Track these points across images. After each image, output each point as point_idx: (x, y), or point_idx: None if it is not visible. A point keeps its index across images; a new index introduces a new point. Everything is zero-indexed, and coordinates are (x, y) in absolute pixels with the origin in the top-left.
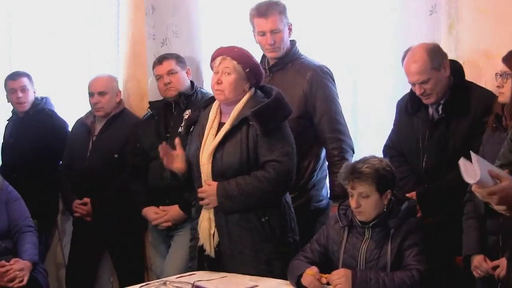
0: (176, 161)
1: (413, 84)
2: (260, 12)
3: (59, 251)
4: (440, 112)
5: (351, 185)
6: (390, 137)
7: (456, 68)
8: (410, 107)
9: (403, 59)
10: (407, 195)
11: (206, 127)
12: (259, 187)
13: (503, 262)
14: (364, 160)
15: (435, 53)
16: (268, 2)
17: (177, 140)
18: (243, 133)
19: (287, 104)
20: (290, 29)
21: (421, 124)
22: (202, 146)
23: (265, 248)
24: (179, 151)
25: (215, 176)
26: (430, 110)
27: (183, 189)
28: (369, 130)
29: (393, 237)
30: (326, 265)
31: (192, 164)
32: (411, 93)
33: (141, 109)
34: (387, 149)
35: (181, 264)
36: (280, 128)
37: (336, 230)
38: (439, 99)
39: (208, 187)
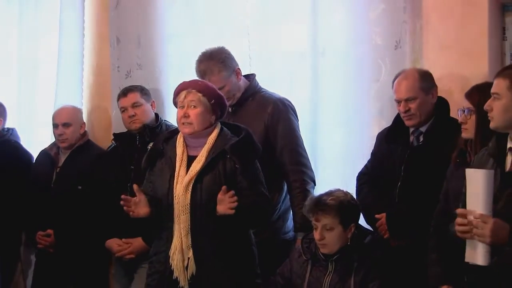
0: (140, 206)
1: (399, 102)
2: (198, 72)
3: (21, 283)
4: (421, 139)
5: (315, 217)
6: (366, 165)
7: (443, 102)
8: (391, 134)
9: (393, 81)
10: (377, 216)
11: (177, 160)
12: (249, 212)
13: None
14: (329, 193)
15: (426, 76)
16: (207, 62)
17: (135, 187)
18: (220, 166)
19: (256, 142)
20: (238, 73)
21: (400, 151)
22: (175, 178)
23: (238, 279)
24: (140, 197)
25: (194, 207)
26: (411, 138)
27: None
28: (330, 162)
29: (356, 270)
30: None
31: (161, 196)
32: (394, 122)
33: (105, 141)
34: (361, 175)
35: None
36: (255, 164)
37: (300, 264)
38: (421, 123)
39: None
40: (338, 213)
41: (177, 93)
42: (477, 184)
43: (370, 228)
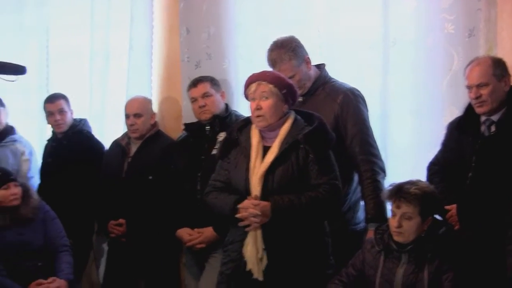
0: None
1: (470, 88)
2: (268, 60)
3: (94, 271)
4: (493, 129)
5: (396, 204)
6: (436, 155)
7: None
8: (462, 123)
9: (465, 68)
10: (447, 207)
11: (252, 150)
12: (310, 206)
13: None
14: (412, 182)
15: (499, 63)
16: (278, 50)
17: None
18: (293, 156)
19: (330, 131)
20: (308, 62)
21: (471, 141)
22: (252, 169)
23: (310, 270)
24: None
25: (265, 198)
26: (482, 127)
27: None
28: (400, 152)
29: (430, 262)
30: None
31: (238, 186)
32: (465, 111)
33: (175, 131)
34: (431, 165)
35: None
36: (329, 153)
37: (373, 254)
38: (492, 111)
39: (258, 207)
40: (420, 203)
41: (247, 85)
42: None
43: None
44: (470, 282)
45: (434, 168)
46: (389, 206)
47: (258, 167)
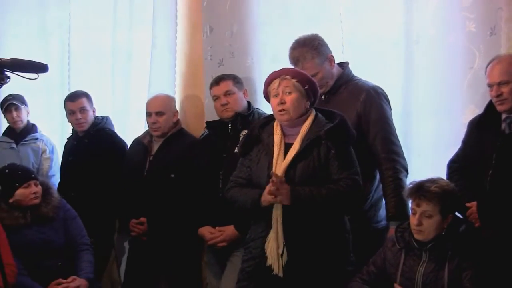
0: None
1: (491, 86)
2: (291, 58)
3: (115, 270)
4: None
5: (416, 202)
6: (456, 153)
7: None
8: (483, 121)
9: (487, 66)
10: (467, 204)
11: (275, 148)
12: (330, 198)
13: None
14: (433, 180)
15: None
16: (300, 49)
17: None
18: (314, 153)
19: (351, 128)
20: (331, 60)
21: (492, 139)
22: (274, 165)
23: (330, 266)
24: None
25: None
26: (503, 125)
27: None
28: (423, 150)
29: (450, 260)
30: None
31: (259, 182)
32: (486, 109)
33: (198, 129)
34: (452, 163)
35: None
36: (350, 149)
37: (394, 253)
38: None
39: (281, 185)
40: (440, 201)
41: (269, 82)
42: None
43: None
44: (490, 280)
45: (454, 165)
46: (410, 204)
47: (280, 164)
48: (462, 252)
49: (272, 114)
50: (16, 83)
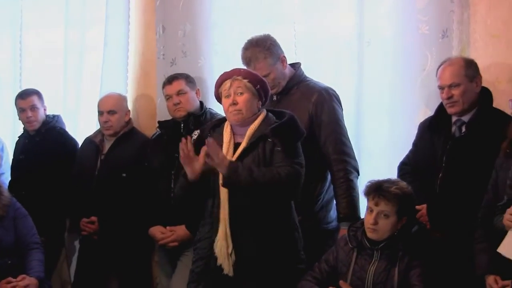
0: (192, 164)
1: (442, 89)
2: (243, 59)
3: (65, 269)
4: (464, 130)
5: (375, 201)
6: (407, 155)
7: (487, 93)
8: (433, 123)
9: (438, 69)
10: (417, 206)
11: (223, 148)
12: (268, 178)
13: None
14: (392, 181)
15: (471, 64)
16: (253, 49)
17: (211, 140)
18: (259, 149)
19: (300, 126)
20: (283, 60)
21: (442, 141)
22: None
23: (280, 264)
24: (201, 160)
25: (233, 191)
26: (453, 128)
27: (189, 209)
28: (374, 151)
29: (401, 259)
30: (334, 286)
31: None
32: (436, 112)
33: (150, 128)
34: (402, 165)
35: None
36: (296, 146)
37: (346, 251)
38: (464, 112)
39: (219, 151)
40: (399, 203)
41: (220, 83)
42: None
43: None
44: (438, 279)
45: (405, 168)
46: (364, 203)
47: None
48: (413, 252)
49: (224, 117)
50: None
